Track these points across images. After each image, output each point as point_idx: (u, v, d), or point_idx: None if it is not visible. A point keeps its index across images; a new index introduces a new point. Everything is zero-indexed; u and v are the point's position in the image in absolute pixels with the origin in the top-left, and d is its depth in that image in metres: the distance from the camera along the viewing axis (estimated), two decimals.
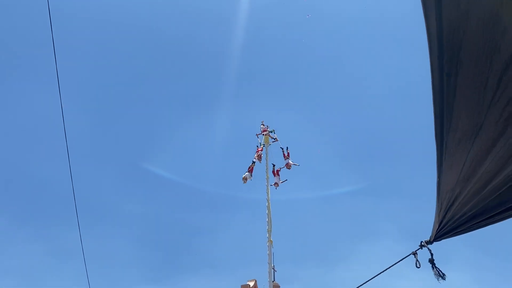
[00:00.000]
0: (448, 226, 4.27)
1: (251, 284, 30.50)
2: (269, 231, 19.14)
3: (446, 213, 4.08)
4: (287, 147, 20.42)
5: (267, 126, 20.69)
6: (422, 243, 4.44)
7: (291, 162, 19.79)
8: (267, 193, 19.55)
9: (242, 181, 19.52)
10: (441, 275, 4.41)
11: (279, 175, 19.96)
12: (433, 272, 4.44)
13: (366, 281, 5.50)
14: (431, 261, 4.42)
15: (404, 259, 5.21)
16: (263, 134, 20.49)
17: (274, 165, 20.19)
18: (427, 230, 4.54)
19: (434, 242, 4.35)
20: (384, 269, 5.19)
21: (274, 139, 20.46)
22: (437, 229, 4.25)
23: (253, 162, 19.96)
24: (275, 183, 19.74)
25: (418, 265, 4.52)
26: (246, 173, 19.63)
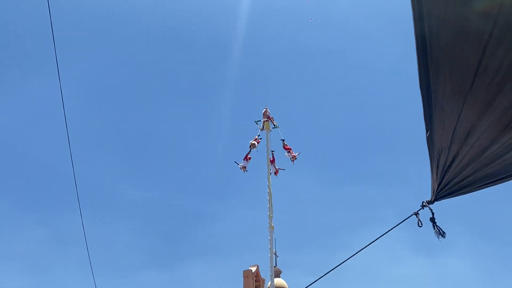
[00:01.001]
0: (448, 188, 4.49)
1: (253, 269, 30.90)
2: (270, 217, 19.39)
3: (444, 174, 4.30)
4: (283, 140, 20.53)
5: (269, 113, 20.79)
6: (424, 203, 4.68)
7: (294, 154, 19.97)
8: (268, 179, 19.80)
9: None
10: (441, 233, 4.66)
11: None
12: (434, 231, 4.68)
13: (367, 246, 5.75)
14: (432, 219, 4.67)
15: (406, 223, 5.47)
16: (264, 120, 20.61)
17: (272, 151, 20.35)
18: (426, 216, 4.80)
19: (435, 202, 4.58)
20: (387, 231, 5.44)
21: (275, 125, 20.60)
22: (437, 190, 4.47)
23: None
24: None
25: (420, 224, 4.76)
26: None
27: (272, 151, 20.31)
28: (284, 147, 20.32)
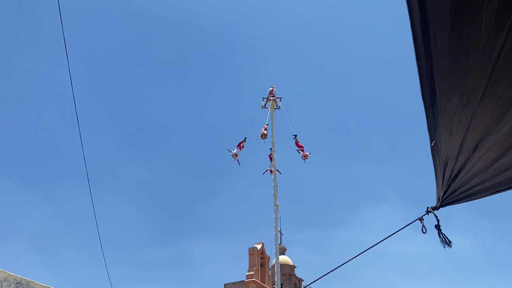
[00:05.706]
0: (455, 196, 4.33)
1: (259, 247, 31.13)
2: (275, 195, 19.35)
3: (451, 183, 4.12)
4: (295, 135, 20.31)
5: (275, 92, 20.49)
6: (429, 209, 4.52)
7: (306, 153, 19.80)
8: (273, 157, 19.66)
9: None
10: (447, 242, 4.50)
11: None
12: (439, 239, 4.51)
13: (373, 246, 5.62)
14: (437, 227, 4.50)
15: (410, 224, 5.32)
16: (269, 99, 20.35)
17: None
18: (426, 195, 4.64)
19: (440, 208, 4.41)
20: (391, 233, 5.31)
21: (278, 106, 20.34)
22: (443, 197, 4.30)
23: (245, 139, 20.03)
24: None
25: (424, 231, 4.62)
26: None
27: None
28: (296, 144, 20.14)
